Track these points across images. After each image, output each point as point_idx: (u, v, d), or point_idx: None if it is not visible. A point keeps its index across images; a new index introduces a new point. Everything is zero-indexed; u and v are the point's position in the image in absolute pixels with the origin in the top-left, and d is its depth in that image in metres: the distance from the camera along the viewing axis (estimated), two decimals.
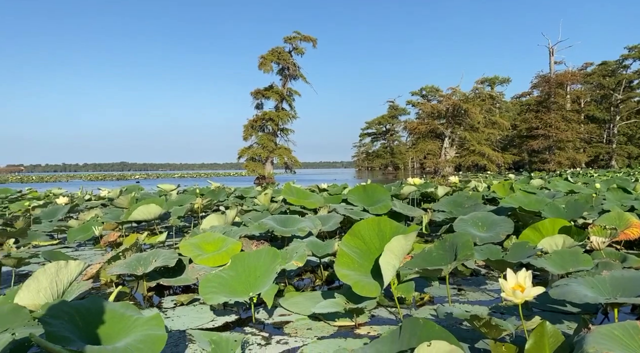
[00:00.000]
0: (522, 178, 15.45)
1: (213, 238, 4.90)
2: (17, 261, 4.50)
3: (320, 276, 4.59)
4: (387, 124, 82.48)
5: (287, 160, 40.65)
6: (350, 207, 7.17)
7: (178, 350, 2.83)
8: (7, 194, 15.17)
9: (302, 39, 40.48)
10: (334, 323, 3.17)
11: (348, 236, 3.40)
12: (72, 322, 2.24)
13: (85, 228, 7.06)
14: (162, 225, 8.82)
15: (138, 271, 4.01)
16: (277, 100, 40.21)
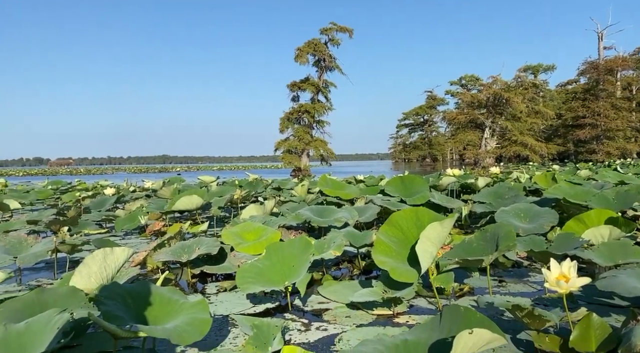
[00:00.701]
0: (568, 169, 14.87)
1: (253, 227, 5.02)
2: (71, 248, 4.77)
3: (358, 266, 4.61)
4: (425, 115, 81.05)
5: (322, 152, 40.74)
6: (387, 198, 7.14)
7: (222, 333, 2.94)
8: (58, 186, 16.03)
9: (338, 29, 40.25)
10: (372, 312, 3.19)
11: (386, 226, 3.41)
12: (124, 304, 2.37)
13: (131, 217, 7.38)
14: (204, 215, 9.09)
15: (182, 258, 4.17)
16: (313, 92, 40.28)
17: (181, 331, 2.18)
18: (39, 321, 2.27)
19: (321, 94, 40.68)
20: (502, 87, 48.17)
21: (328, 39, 40.38)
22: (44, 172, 63.41)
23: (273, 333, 2.62)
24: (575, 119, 49.49)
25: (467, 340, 1.49)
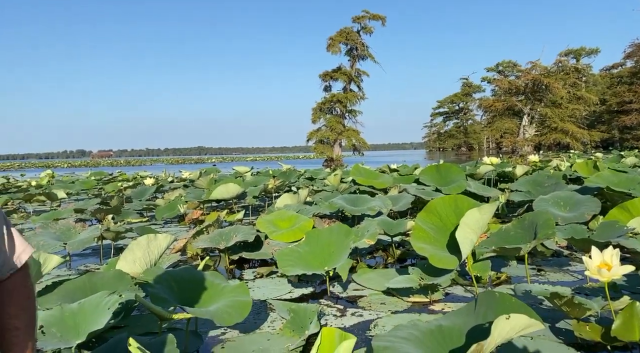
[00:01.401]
0: (612, 157, 14.25)
1: (287, 215, 5.10)
2: (116, 235, 4.99)
3: (392, 254, 4.62)
4: (460, 103, 79.18)
5: (355, 142, 40.50)
6: (421, 187, 7.08)
7: (260, 317, 3.03)
8: (101, 176, 16.70)
9: (371, 17, 39.69)
10: (407, 299, 3.21)
11: (424, 213, 3.40)
12: (169, 287, 2.49)
13: (170, 206, 7.63)
14: (239, 204, 9.27)
15: (221, 245, 4.30)
16: (345, 82, 39.99)
17: (223, 313, 2.27)
18: (90, 302, 2.42)
19: (353, 83, 40.35)
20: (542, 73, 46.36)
21: (360, 27, 39.90)
22: (87, 164, 66.10)
23: (310, 318, 2.69)
24: (621, 104, 47.11)
25: (504, 325, 1.49)
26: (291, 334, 2.66)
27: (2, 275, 1.19)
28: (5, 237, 1.18)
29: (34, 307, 1.25)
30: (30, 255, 1.24)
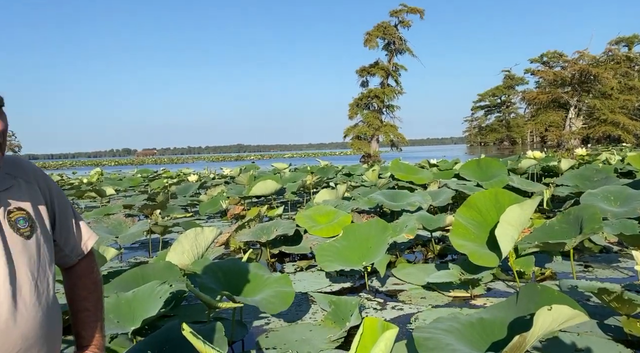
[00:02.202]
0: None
1: (325, 210, 5.17)
2: (163, 229, 5.22)
3: (432, 250, 4.60)
4: (502, 95, 76.73)
5: (393, 137, 40.09)
6: (462, 182, 6.98)
7: (301, 309, 3.11)
8: (147, 174, 17.36)
9: (409, 11, 39.09)
10: (448, 294, 3.20)
11: (463, 208, 3.37)
12: (216, 277, 2.61)
13: (213, 202, 7.87)
14: (278, 200, 9.44)
15: (262, 239, 4.42)
16: (383, 77, 39.62)
17: (268, 302, 2.37)
18: (144, 291, 2.57)
19: (391, 77, 39.92)
20: (590, 63, 44.18)
21: (398, 21, 39.38)
22: (132, 162, 68.79)
23: (350, 310, 2.74)
24: None
25: (546, 317, 1.48)
26: (332, 325, 2.73)
27: (72, 260, 1.31)
28: (74, 226, 1.29)
29: (101, 290, 1.36)
30: (95, 241, 1.36)
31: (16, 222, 1.10)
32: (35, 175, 1.20)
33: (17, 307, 1.04)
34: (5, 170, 1.12)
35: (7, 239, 1.07)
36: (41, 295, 1.11)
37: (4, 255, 1.05)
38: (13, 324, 1.03)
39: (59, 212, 1.25)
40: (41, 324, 1.09)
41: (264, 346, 2.51)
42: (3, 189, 1.09)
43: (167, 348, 2.11)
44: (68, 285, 1.34)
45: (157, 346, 2.10)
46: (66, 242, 1.27)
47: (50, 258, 1.19)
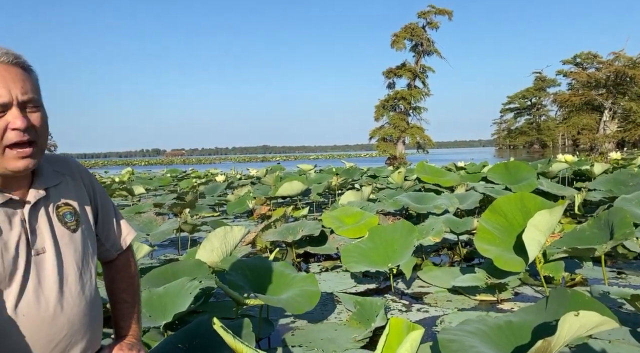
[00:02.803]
0: None
1: (351, 211, 5.19)
2: (192, 227, 5.34)
3: (459, 253, 4.56)
4: (532, 98, 74.88)
5: (419, 139, 39.67)
6: (490, 186, 6.89)
7: (327, 308, 3.14)
8: (176, 174, 17.75)
9: (437, 12, 38.66)
10: (474, 298, 3.18)
11: (488, 212, 3.34)
12: (244, 275, 2.67)
13: (240, 202, 8.00)
14: (303, 201, 9.50)
15: (288, 239, 4.48)
16: (410, 78, 39.29)
17: (294, 301, 2.41)
18: (175, 286, 2.66)
19: (418, 79, 39.54)
20: (626, 64, 42.69)
21: (426, 22, 38.98)
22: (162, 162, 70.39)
23: (375, 311, 2.76)
24: None
25: (572, 322, 1.47)
26: (357, 326, 2.75)
27: (112, 255, 1.38)
28: (115, 222, 1.36)
29: (138, 282, 1.43)
30: (134, 237, 1.43)
31: (64, 216, 1.17)
32: (80, 173, 1.28)
33: (63, 295, 1.11)
34: (53, 168, 1.19)
35: (56, 232, 1.14)
36: (85, 285, 1.18)
37: (52, 247, 1.12)
38: (60, 311, 1.10)
39: (101, 209, 1.32)
40: (85, 312, 1.16)
41: (290, 343, 2.56)
42: (52, 185, 1.17)
43: (197, 342, 2.18)
44: (108, 278, 1.41)
45: (188, 340, 2.17)
46: (107, 237, 1.34)
47: (93, 251, 1.26)
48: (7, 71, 1.00)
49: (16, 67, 1.02)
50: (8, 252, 1.04)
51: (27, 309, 1.05)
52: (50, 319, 1.08)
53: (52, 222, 1.14)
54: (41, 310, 1.07)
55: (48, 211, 1.14)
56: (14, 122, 0.99)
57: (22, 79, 1.02)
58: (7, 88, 0.99)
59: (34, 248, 1.09)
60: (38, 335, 1.06)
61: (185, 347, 2.15)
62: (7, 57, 1.00)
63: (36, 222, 1.11)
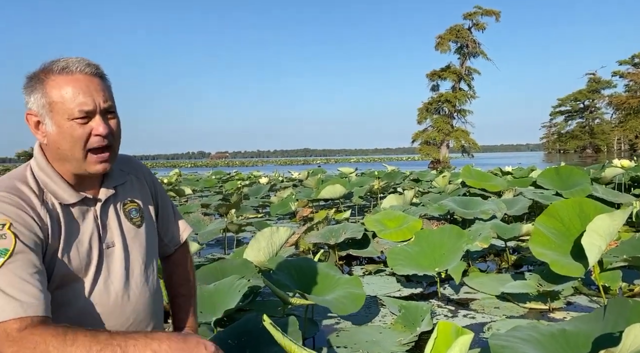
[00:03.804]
0: None
1: (394, 215, 5.16)
2: (238, 228, 5.48)
3: (507, 260, 4.43)
4: (585, 100, 71.48)
5: (464, 143, 38.77)
6: (539, 191, 6.64)
7: (371, 311, 3.14)
8: (221, 176, 18.21)
9: (484, 13, 37.71)
10: (524, 305, 3.09)
11: (544, 216, 3.22)
12: (290, 275, 2.72)
13: (283, 204, 8.11)
14: (345, 204, 9.51)
15: (331, 241, 4.51)
16: (455, 81, 38.50)
17: (339, 302, 2.43)
18: (224, 284, 2.74)
19: (463, 81, 38.68)
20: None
21: (472, 23, 38.12)
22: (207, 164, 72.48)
23: (421, 315, 2.74)
24: None
25: (638, 334, 1.41)
26: (402, 329, 2.74)
27: (170, 250, 1.45)
28: (173, 219, 1.44)
29: (194, 277, 1.50)
30: (190, 233, 1.50)
31: (129, 212, 1.26)
32: (143, 172, 1.36)
33: (130, 286, 1.19)
34: (120, 167, 1.28)
35: (123, 227, 1.22)
36: (148, 277, 1.25)
37: (120, 241, 1.20)
38: (127, 300, 1.17)
39: (161, 206, 1.40)
40: (148, 302, 1.23)
41: (334, 344, 2.58)
42: (119, 184, 1.25)
43: (245, 338, 2.24)
44: (166, 273, 1.49)
45: (237, 336, 2.24)
46: (166, 233, 1.42)
47: (155, 246, 1.34)
48: (91, 81, 1.09)
49: (97, 77, 1.11)
50: (83, 246, 1.12)
51: (99, 298, 1.13)
52: (118, 308, 1.16)
53: (119, 218, 1.22)
54: (111, 300, 1.15)
55: (116, 208, 1.22)
56: (97, 129, 1.08)
57: (102, 88, 1.11)
58: (91, 97, 1.08)
59: (105, 242, 1.17)
60: (107, 323, 1.14)
61: (235, 343, 2.22)
62: (90, 69, 1.10)
63: (106, 218, 1.20)
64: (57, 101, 1.05)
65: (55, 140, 1.08)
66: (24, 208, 1.03)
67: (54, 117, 1.06)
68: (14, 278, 0.94)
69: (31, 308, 0.93)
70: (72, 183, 1.14)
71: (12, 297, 0.92)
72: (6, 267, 0.94)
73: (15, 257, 0.96)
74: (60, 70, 1.07)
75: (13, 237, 0.98)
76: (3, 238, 0.97)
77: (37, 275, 0.98)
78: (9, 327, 0.90)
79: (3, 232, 0.97)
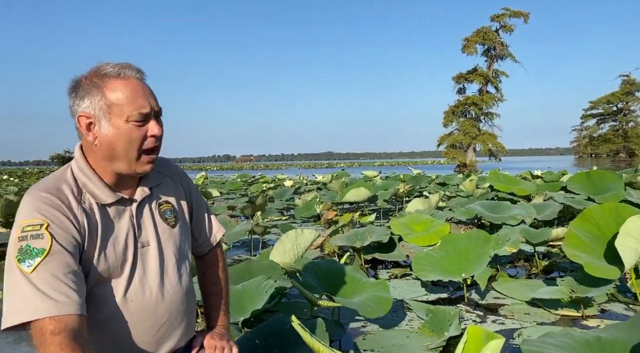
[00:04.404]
0: None
1: (421, 219, 5.11)
2: (263, 230, 5.53)
3: (537, 265, 4.33)
4: (618, 103, 69.24)
5: (491, 146, 38.05)
6: (570, 196, 6.47)
7: (397, 315, 3.12)
8: (246, 178, 18.42)
9: (512, 14, 37.03)
10: (555, 312, 3.01)
11: (578, 220, 3.14)
12: (316, 276, 2.73)
13: (307, 206, 8.14)
14: (370, 207, 9.47)
15: (356, 244, 4.49)
16: (482, 83, 37.88)
17: (366, 306, 2.43)
18: (252, 284, 2.77)
19: (490, 84, 38.03)
20: None
21: (500, 25, 37.49)
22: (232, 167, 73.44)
23: (449, 320, 2.70)
24: None
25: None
26: (430, 334, 2.71)
27: (204, 250, 1.48)
28: (206, 220, 1.47)
29: (227, 276, 1.52)
30: (223, 233, 1.53)
31: (164, 213, 1.29)
32: (178, 174, 1.40)
33: (164, 285, 1.22)
34: (156, 169, 1.31)
35: (158, 227, 1.25)
36: (182, 276, 1.28)
37: (155, 240, 1.23)
38: (161, 299, 1.20)
39: (195, 207, 1.43)
40: (181, 301, 1.26)
41: (361, 347, 2.57)
42: (155, 185, 1.29)
43: (273, 339, 2.26)
44: (200, 272, 1.52)
45: (265, 337, 2.26)
46: (200, 233, 1.45)
47: (188, 246, 1.37)
48: (144, 86, 1.16)
49: (145, 82, 1.17)
50: (119, 244, 1.16)
51: (134, 296, 1.16)
52: (153, 306, 1.19)
53: (154, 218, 1.25)
54: (145, 298, 1.18)
55: (151, 208, 1.26)
56: (152, 130, 1.14)
57: (152, 92, 1.17)
58: (148, 100, 1.13)
59: (140, 241, 1.20)
60: (142, 320, 1.17)
61: (262, 344, 2.24)
62: (140, 74, 1.16)
63: (141, 217, 1.23)
64: (117, 104, 1.10)
65: (111, 141, 1.12)
66: (62, 210, 1.07)
67: (111, 119, 1.11)
68: (49, 278, 0.98)
69: (65, 307, 0.96)
70: (110, 184, 1.18)
71: (48, 295, 0.96)
72: (42, 266, 0.98)
73: (52, 257, 1.00)
74: (115, 74, 1.12)
75: (50, 237, 1.01)
76: (40, 238, 1.01)
77: (71, 275, 1.01)
78: (44, 327, 0.94)
79: (40, 232, 1.01)
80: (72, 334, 0.96)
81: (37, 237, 1.01)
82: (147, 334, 1.19)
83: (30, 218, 1.04)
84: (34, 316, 0.95)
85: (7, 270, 1.01)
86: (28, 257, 0.99)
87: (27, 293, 0.96)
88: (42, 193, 1.08)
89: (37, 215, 1.04)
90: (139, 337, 1.17)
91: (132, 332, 1.16)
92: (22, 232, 1.02)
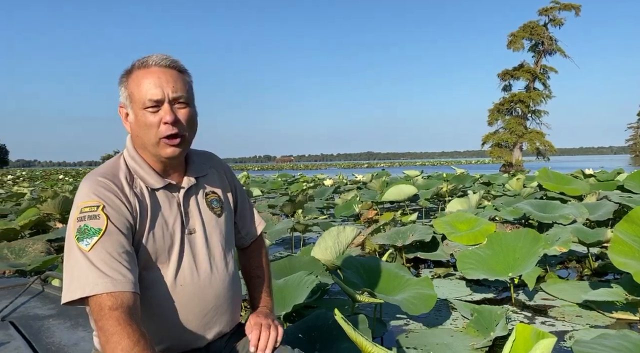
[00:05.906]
0: None
1: (465, 217, 4.99)
2: (304, 227, 5.57)
3: (589, 266, 4.13)
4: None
5: (539, 145, 36.54)
6: (627, 195, 6.13)
7: (441, 314, 3.06)
8: (286, 178, 18.64)
9: (562, 7, 35.43)
10: (610, 315, 2.86)
11: (624, 223, 2.98)
12: (358, 273, 2.72)
13: (347, 205, 8.12)
14: (410, 207, 9.34)
15: (398, 243, 4.44)
16: (529, 80, 36.46)
17: (409, 303, 2.39)
18: (293, 279, 2.80)
19: (538, 80, 36.53)
20: None
21: (548, 19, 35.95)
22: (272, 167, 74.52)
23: (495, 320, 2.62)
24: None
25: None
26: (475, 334, 2.64)
27: (246, 242, 1.51)
28: (249, 213, 1.50)
29: (269, 264, 1.55)
30: (264, 227, 1.55)
31: (211, 202, 1.32)
32: (223, 168, 1.43)
33: (212, 271, 1.25)
34: (201, 161, 1.35)
35: (204, 215, 1.29)
36: (228, 264, 1.31)
37: (202, 228, 1.27)
38: (209, 284, 1.23)
39: (239, 201, 1.45)
40: (228, 287, 1.29)
41: (404, 345, 2.54)
42: (201, 175, 1.32)
43: (315, 333, 2.27)
44: (242, 262, 1.55)
45: (307, 331, 2.27)
46: (242, 226, 1.47)
47: (233, 235, 1.40)
48: (164, 73, 1.17)
49: (172, 69, 1.19)
50: (167, 229, 1.20)
51: (184, 281, 1.20)
52: (201, 291, 1.22)
53: (200, 207, 1.29)
54: (194, 283, 1.21)
55: (197, 197, 1.29)
56: (165, 117, 1.15)
57: (175, 79, 1.18)
58: (160, 87, 1.15)
59: (187, 227, 1.24)
60: (192, 305, 1.21)
61: (305, 338, 2.26)
62: (164, 61, 1.18)
63: (188, 205, 1.26)
64: (134, 92, 1.15)
65: (134, 128, 1.18)
66: (116, 193, 1.12)
67: (133, 107, 1.16)
68: (106, 256, 1.03)
69: (120, 285, 1.01)
70: (157, 170, 1.22)
71: (104, 273, 1.01)
72: (99, 245, 1.03)
73: (107, 236, 1.05)
74: (140, 65, 1.16)
75: (105, 218, 1.07)
76: (97, 219, 1.06)
77: (125, 255, 1.06)
78: (103, 302, 0.99)
79: (97, 213, 1.07)
80: (128, 310, 1.01)
81: (94, 217, 1.06)
82: (195, 319, 1.22)
83: (88, 199, 1.09)
84: (92, 291, 1.00)
85: (67, 249, 1.07)
86: (86, 236, 1.04)
87: (86, 270, 1.02)
88: (98, 177, 1.14)
89: (94, 197, 1.09)
90: (188, 322, 1.21)
91: (181, 317, 1.20)
92: (81, 212, 1.07)
